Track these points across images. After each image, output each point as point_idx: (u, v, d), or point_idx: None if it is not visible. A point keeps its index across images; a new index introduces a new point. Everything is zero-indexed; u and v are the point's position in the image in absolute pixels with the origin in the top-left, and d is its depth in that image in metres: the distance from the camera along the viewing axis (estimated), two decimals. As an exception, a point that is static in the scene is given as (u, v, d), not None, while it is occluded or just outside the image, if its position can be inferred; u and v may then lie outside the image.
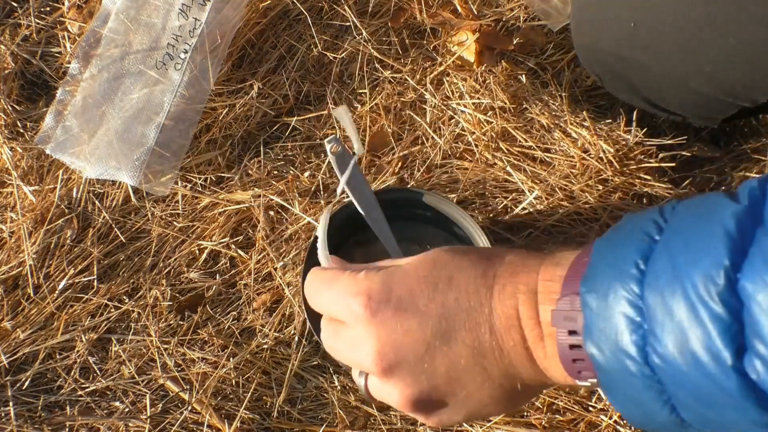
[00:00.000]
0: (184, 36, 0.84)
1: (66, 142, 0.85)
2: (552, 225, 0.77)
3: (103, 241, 0.84)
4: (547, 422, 0.71)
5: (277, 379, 0.75)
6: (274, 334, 0.77)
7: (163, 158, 0.83)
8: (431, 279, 0.43)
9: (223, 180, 0.85)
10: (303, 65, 0.88)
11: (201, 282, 0.81)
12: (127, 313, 0.80)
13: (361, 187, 0.62)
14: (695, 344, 0.32)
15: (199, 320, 0.79)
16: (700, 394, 0.33)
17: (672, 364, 0.33)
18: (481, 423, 0.71)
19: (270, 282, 0.80)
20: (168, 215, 0.84)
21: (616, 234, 0.38)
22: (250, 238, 0.82)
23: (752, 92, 0.62)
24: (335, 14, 0.89)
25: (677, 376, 0.33)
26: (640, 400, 0.36)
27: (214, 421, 0.74)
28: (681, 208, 0.36)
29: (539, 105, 0.83)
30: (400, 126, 0.85)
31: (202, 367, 0.76)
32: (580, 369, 0.39)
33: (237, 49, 0.88)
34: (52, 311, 0.81)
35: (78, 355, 0.79)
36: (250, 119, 0.86)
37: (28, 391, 0.78)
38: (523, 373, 0.42)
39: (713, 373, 0.32)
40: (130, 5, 0.86)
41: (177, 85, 0.83)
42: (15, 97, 0.91)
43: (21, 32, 0.94)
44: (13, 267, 0.83)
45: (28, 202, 0.86)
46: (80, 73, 0.87)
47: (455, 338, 0.42)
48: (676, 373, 0.33)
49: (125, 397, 0.76)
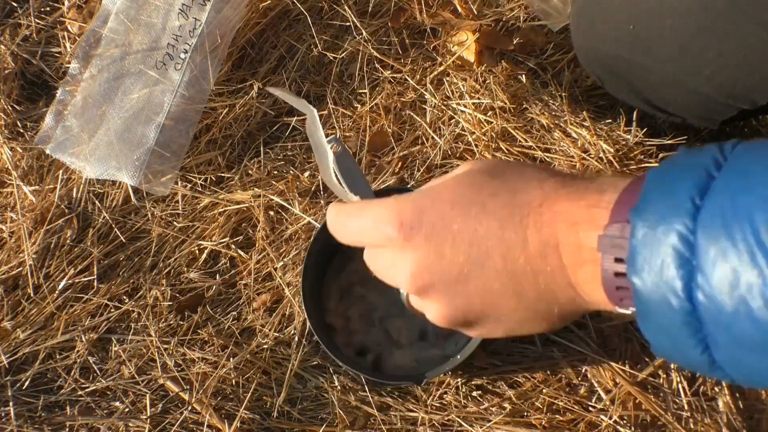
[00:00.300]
0: (184, 36, 0.84)
1: (66, 142, 0.85)
2: (552, 225, 0.77)
3: (103, 241, 0.84)
4: (547, 422, 0.71)
5: (277, 379, 0.75)
6: (274, 334, 0.77)
7: (163, 158, 0.83)
8: (464, 205, 0.43)
9: (223, 180, 0.85)
10: (303, 65, 0.88)
11: (201, 282, 0.81)
12: (127, 313, 0.80)
13: (354, 174, 0.59)
14: (747, 288, 0.31)
15: (199, 320, 0.79)
16: (742, 338, 0.32)
17: (718, 305, 0.32)
18: (481, 423, 0.71)
19: (270, 282, 0.80)
20: (168, 215, 0.84)
21: (673, 166, 0.37)
22: (250, 238, 0.82)
23: (752, 94, 0.62)
24: (335, 14, 0.89)
25: (721, 318, 0.32)
26: (674, 335, 0.35)
27: (214, 421, 0.74)
28: (741, 150, 0.35)
29: (539, 105, 0.83)
30: (400, 126, 0.85)
31: (202, 367, 0.76)
32: (622, 297, 0.38)
33: (237, 49, 0.88)
34: (52, 311, 0.81)
35: (78, 355, 0.79)
36: (250, 119, 0.86)
37: (28, 391, 0.78)
38: (561, 297, 0.42)
39: (763, 320, 0.31)
40: (130, 5, 0.86)
41: (177, 85, 0.83)
42: (15, 97, 0.91)
43: (21, 32, 0.94)
44: (13, 267, 0.83)
45: (28, 202, 0.86)
46: (80, 73, 0.87)
47: (488, 264, 0.42)
48: (721, 315, 0.32)
49: (125, 397, 0.77)
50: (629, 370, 0.72)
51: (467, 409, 0.72)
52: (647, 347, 0.72)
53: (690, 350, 0.35)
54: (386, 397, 0.73)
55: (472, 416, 0.72)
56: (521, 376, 0.73)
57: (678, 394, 0.71)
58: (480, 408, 0.72)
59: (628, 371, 0.72)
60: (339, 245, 0.52)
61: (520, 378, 0.73)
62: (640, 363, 0.72)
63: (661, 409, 0.70)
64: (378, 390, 0.74)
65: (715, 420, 0.70)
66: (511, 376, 0.73)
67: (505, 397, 0.72)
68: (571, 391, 0.73)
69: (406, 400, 0.73)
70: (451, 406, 0.72)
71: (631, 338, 0.73)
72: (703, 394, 0.71)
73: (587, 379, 0.73)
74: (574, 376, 0.73)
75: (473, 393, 0.73)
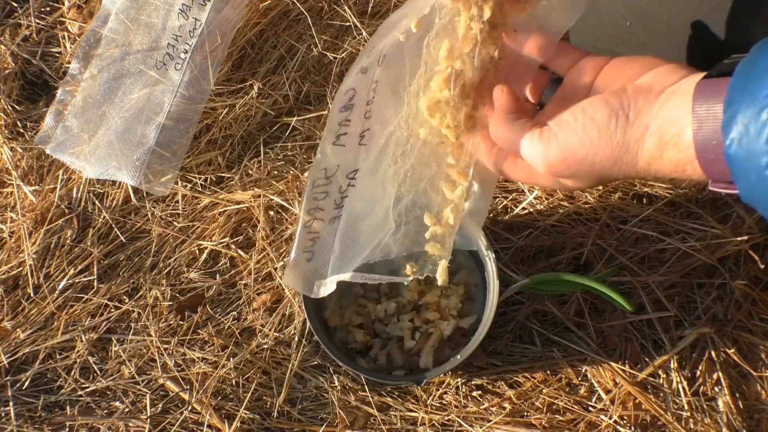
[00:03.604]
0: (184, 36, 0.84)
1: (66, 142, 0.85)
2: (552, 225, 0.77)
3: (103, 241, 0.84)
4: (547, 422, 0.71)
5: (277, 379, 0.75)
6: (274, 334, 0.77)
7: (163, 158, 0.83)
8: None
9: (223, 180, 0.85)
10: (303, 65, 0.88)
11: (201, 282, 0.81)
12: (127, 313, 0.80)
13: None
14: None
15: (199, 320, 0.79)
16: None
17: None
18: (481, 423, 0.71)
19: (270, 282, 0.80)
20: (168, 215, 0.84)
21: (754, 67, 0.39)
22: (250, 238, 0.82)
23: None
24: (335, 14, 0.89)
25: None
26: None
27: (214, 421, 0.74)
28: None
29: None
30: (400, 126, 0.85)
31: (202, 367, 0.76)
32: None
33: (237, 49, 0.88)
34: (52, 311, 0.81)
35: (78, 355, 0.79)
36: (250, 119, 0.86)
37: (28, 391, 0.78)
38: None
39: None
40: (130, 5, 0.86)
41: (177, 85, 0.83)
42: (15, 97, 0.91)
43: (21, 32, 0.94)
44: (13, 267, 0.83)
45: (28, 202, 0.86)
46: (80, 73, 0.87)
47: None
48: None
49: (125, 397, 0.77)
50: (629, 370, 0.72)
51: (467, 409, 0.72)
52: (647, 347, 0.72)
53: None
54: (386, 397, 0.73)
55: (472, 416, 0.72)
56: (521, 376, 0.73)
57: (678, 394, 0.71)
58: (480, 408, 0.72)
59: (628, 371, 0.72)
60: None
61: (520, 378, 0.73)
62: (640, 363, 0.72)
63: (661, 409, 0.70)
64: (378, 390, 0.74)
65: (715, 420, 0.70)
66: (511, 376, 0.73)
67: (505, 397, 0.72)
68: (571, 391, 0.73)
69: (406, 400, 0.73)
70: (451, 406, 0.72)
71: (631, 338, 0.73)
72: (703, 394, 0.71)
73: (587, 379, 0.73)
74: (574, 376, 0.73)
75: (473, 393, 0.73)
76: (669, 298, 0.74)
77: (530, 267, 0.76)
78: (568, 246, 0.76)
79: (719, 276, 0.74)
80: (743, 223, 0.74)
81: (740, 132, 0.38)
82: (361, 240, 0.59)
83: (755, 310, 0.73)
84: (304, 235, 0.60)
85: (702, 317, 0.73)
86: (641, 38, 0.65)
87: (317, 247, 0.60)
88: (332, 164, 0.59)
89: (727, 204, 0.76)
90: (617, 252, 0.75)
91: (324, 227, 0.60)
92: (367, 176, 0.59)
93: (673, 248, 0.75)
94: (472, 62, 0.53)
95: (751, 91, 0.38)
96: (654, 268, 0.75)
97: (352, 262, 0.59)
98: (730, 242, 0.73)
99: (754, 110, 0.37)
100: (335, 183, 0.59)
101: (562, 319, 0.74)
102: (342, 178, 0.59)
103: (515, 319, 0.75)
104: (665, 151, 0.43)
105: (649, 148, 0.43)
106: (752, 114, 0.37)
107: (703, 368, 0.71)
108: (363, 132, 0.58)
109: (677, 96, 0.43)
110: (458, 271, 0.75)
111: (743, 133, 0.38)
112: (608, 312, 0.74)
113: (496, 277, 0.67)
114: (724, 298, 0.73)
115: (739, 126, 0.38)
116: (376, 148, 0.58)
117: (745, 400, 0.71)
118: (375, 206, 0.59)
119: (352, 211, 0.59)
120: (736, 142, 0.38)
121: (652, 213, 0.76)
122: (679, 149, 0.42)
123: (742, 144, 0.38)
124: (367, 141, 0.58)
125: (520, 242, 0.77)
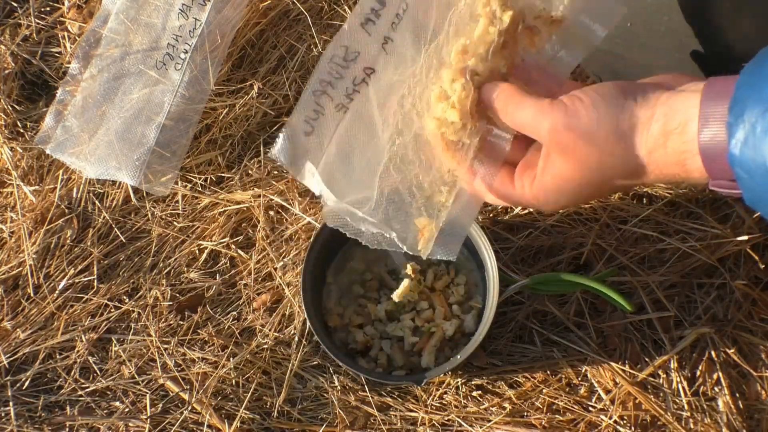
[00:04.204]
0: (184, 36, 0.84)
1: (66, 142, 0.85)
2: (552, 225, 0.77)
3: (103, 241, 0.84)
4: (547, 422, 0.71)
5: (277, 379, 0.75)
6: (274, 334, 0.77)
7: (163, 158, 0.83)
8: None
9: (223, 180, 0.85)
10: (303, 65, 0.88)
11: (201, 282, 0.81)
12: (127, 313, 0.80)
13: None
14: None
15: (199, 320, 0.79)
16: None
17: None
18: (481, 423, 0.71)
19: (270, 282, 0.80)
20: (168, 215, 0.84)
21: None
22: (250, 238, 0.82)
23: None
24: (335, 14, 0.90)
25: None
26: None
27: (214, 421, 0.74)
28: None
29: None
30: (400, 126, 0.85)
31: (202, 367, 0.76)
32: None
33: (237, 49, 0.88)
34: (52, 311, 0.81)
35: (78, 355, 0.79)
36: (250, 119, 0.86)
37: (28, 391, 0.78)
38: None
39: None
40: (130, 5, 0.86)
41: (177, 85, 0.83)
42: (15, 97, 0.91)
43: (21, 32, 0.94)
44: (13, 267, 0.83)
45: (28, 202, 0.86)
46: (80, 73, 0.87)
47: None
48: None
49: (125, 397, 0.77)
50: (629, 370, 0.72)
51: (467, 409, 0.72)
52: (647, 347, 0.72)
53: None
54: (386, 397, 0.73)
55: (472, 416, 0.72)
56: (521, 376, 0.73)
57: (678, 394, 0.71)
58: (480, 408, 0.72)
59: (628, 371, 0.72)
60: (339, 245, 0.52)
61: (520, 378, 0.73)
62: (640, 363, 0.72)
63: (661, 409, 0.70)
64: (378, 390, 0.74)
65: (715, 420, 0.70)
66: (511, 376, 0.73)
67: (505, 397, 0.72)
68: (571, 391, 0.73)
69: (406, 400, 0.73)
70: (451, 406, 0.72)
71: (631, 338, 0.73)
72: (703, 394, 0.71)
73: (587, 379, 0.73)
74: (574, 376, 0.73)
75: (473, 393, 0.73)
76: (669, 298, 0.74)
77: (530, 267, 0.76)
78: (568, 246, 0.76)
79: (719, 276, 0.74)
80: (743, 223, 0.74)
81: (746, 130, 0.38)
82: (353, 161, 0.54)
83: (755, 310, 0.73)
84: (310, 103, 0.54)
85: (702, 317, 0.73)
86: (641, 39, 0.65)
87: (319, 123, 0.55)
88: (354, 46, 0.54)
89: (727, 204, 0.76)
90: (617, 252, 0.75)
91: (330, 107, 0.54)
92: (380, 91, 0.54)
93: (673, 248, 0.75)
94: (485, 62, 0.51)
95: (759, 89, 0.38)
96: (654, 268, 0.75)
97: (343, 182, 0.54)
98: (730, 242, 0.73)
99: (761, 109, 0.38)
100: (352, 70, 0.54)
101: (562, 319, 0.74)
102: (359, 68, 0.54)
103: (515, 319, 0.75)
104: (669, 139, 0.43)
105: (653, 133, 0.43)
106: (759, 112, 0.38)
107: (703, 368, 0.71)
108: (387, 38, 0.54)
109: (687, 92, 0.43)
110: (458, 271, 0.75)
111: (749, 132, 0.38)
112: (608, 312, 0.74)
113: (496, 277, 0.67)
114: (724, 298, 0.73)
115: (746, 124, 0.38)
116: (390, 73, 0.54)
117: (745, 400, 0.71)
118: (370, 141, 0.54)
119: (354, 124, 0.54)
120: (741, 140, 0.38)
121: (652, 213, 0.76)
122: (683, 139, 0.42)
123: (748, 142, 0.38)
124: (390, 51, 0.54)
125: (520, 242, 0.77)
